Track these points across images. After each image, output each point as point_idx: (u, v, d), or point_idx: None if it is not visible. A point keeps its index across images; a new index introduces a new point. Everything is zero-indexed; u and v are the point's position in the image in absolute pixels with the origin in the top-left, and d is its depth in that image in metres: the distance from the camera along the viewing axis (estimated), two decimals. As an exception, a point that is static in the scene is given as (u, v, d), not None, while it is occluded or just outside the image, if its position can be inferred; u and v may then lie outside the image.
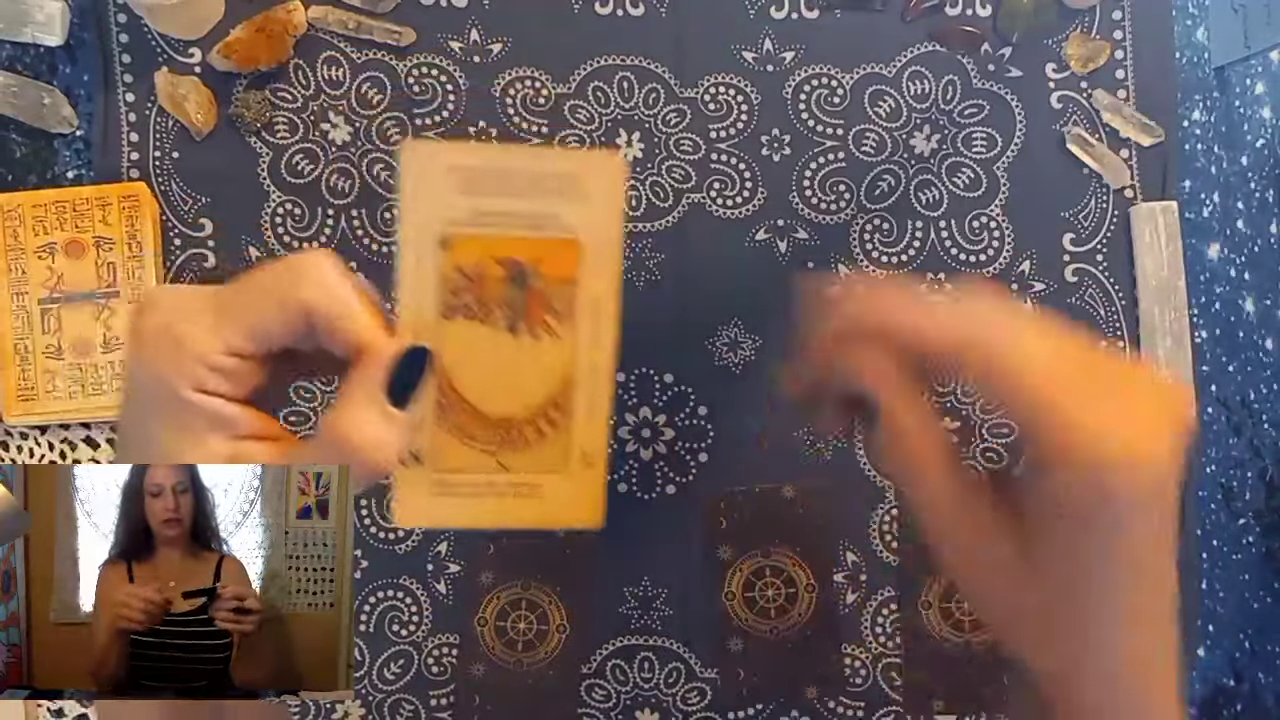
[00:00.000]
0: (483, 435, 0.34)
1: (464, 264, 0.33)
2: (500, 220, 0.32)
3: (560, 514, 0.36)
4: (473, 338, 0.33)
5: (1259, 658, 0.62)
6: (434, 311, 0.33)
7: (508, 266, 0.33)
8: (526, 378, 0.34)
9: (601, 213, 0.33)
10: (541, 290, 0.34)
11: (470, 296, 0.33)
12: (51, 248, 0.55)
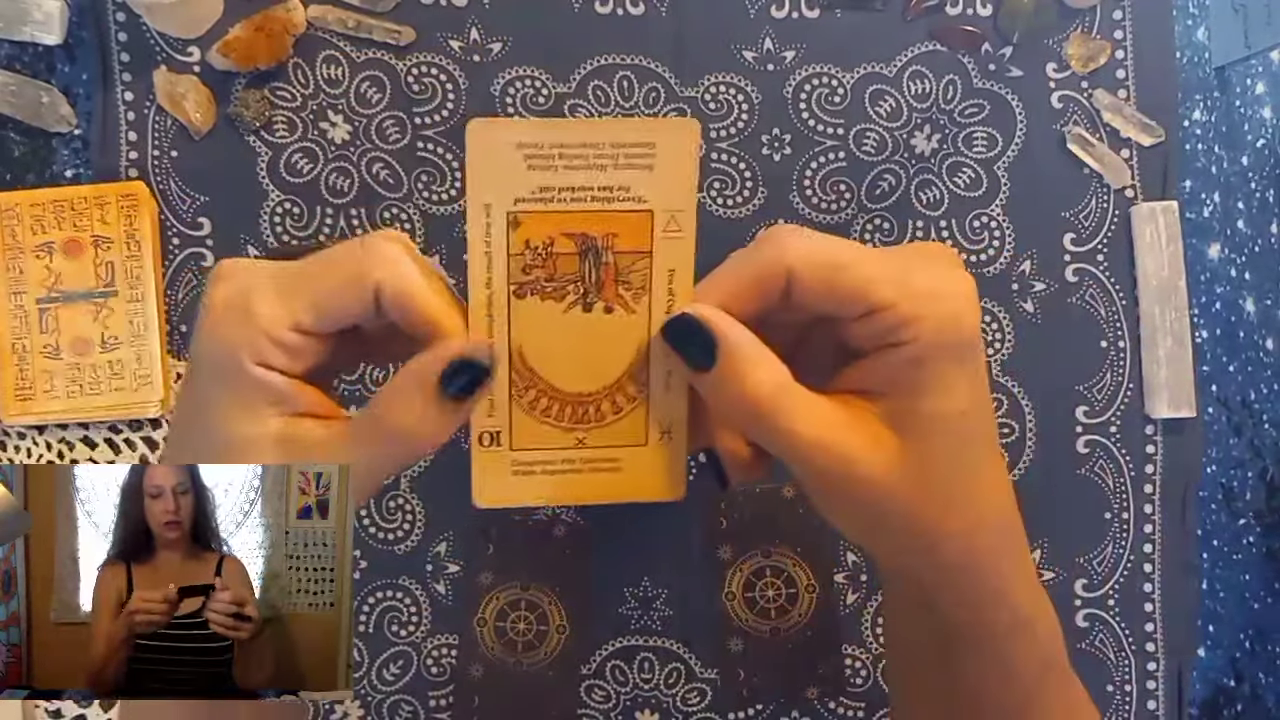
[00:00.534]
0: (560, 412, 0.34)
1: (534, 240, 0.32)
2: (570, 195, 0.32)
3: (641, 487, 0.35)
4: (546, 315, 0.33)
5: (1259, 658, 0.62)
6: (505, 290, 0.32)
7: (579, 241, 0.33)
8: (602, 352, 0.34)
9: (675, 180, 0.33)
10: (614, 264, 0.33)
11: (541, 273, 0.32)
12: (49, 247, 0.55)
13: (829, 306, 0.32)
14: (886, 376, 0.32)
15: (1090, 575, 0.61)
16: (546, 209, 0.32)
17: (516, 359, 0.33)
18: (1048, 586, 0.60)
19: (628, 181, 0.32)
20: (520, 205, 0.32)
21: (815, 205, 0.59)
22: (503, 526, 0.58)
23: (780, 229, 0.34)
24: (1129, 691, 0.61)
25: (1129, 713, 0.61)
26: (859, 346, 0.33)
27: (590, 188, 0.32)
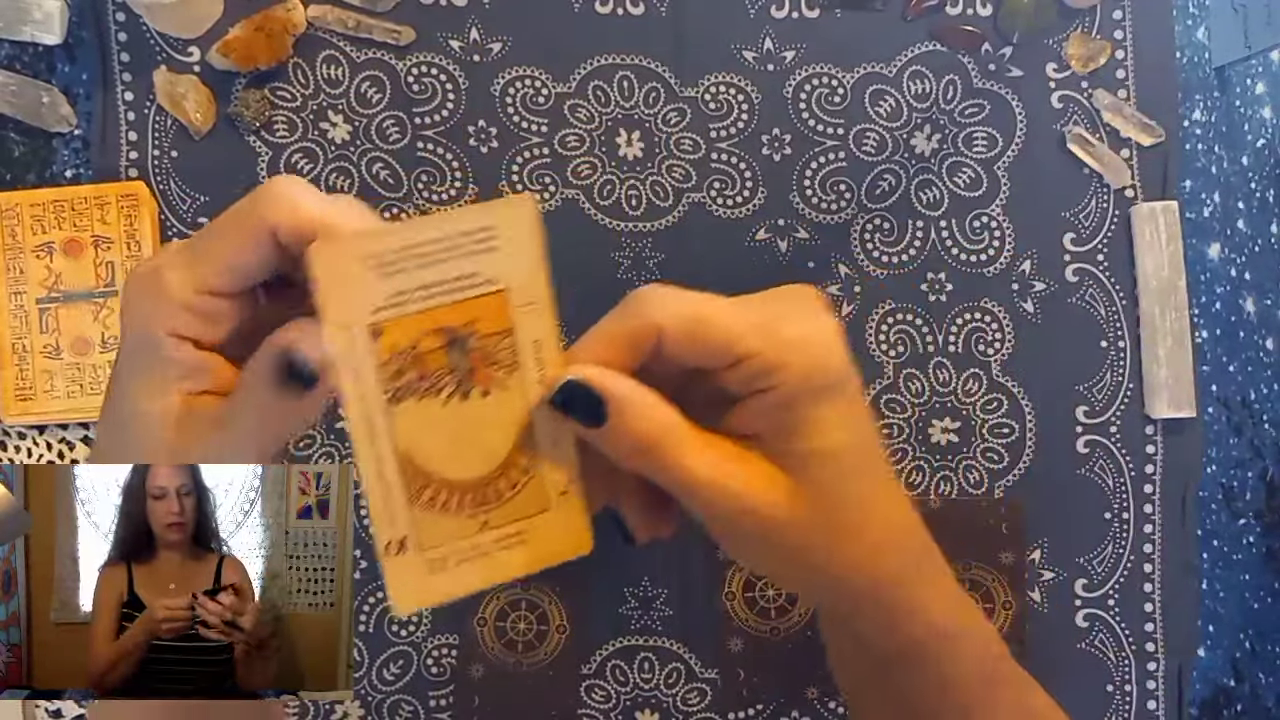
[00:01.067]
0: (460, 502, 0.35)
1: (399, 345, 0.32)
2: (424, 294, 0.32)
3: (551, 552, 0.36)
4: (425, 413, 0.33)
5: (1259, 658, 0.62)
6: (380, 401, 0.33)
7: (443, 335, 0.33)
8: (487, 435, 0.34)
9: (520, 256, 0.33)
10: (480, 348, 0.34)
11: (413, 375, 0.33)
12: (50, 247, 0.55)
13: (699, 359, 0.33)
14: (762, 420, 0.33)
15: (1090, 575, 0.61)
16: (404, 313, 0.32)
17: (406, 464, 0.34)
18: (1048, 586, 0.60)
19: (476, 268, 0.33)
20: (378, 315, 0.32)
21: (815, 205, 0.59)
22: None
23: (648, 289, 0.35)
24: (1129, 691, 0.61)
25: (1129, 713, 0.61)
26: (734, 393, 0.34)
27: (442, 281, 0.32)
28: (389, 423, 0.33)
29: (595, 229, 0.59)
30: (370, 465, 0.33)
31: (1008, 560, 0.60)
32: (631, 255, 0.59)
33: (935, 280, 0.60)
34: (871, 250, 0.60)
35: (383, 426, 0.33)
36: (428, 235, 0.32)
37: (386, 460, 0.33)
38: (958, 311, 0.60)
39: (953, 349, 0.60)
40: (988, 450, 0.60)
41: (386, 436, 0.33)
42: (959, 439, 0.60)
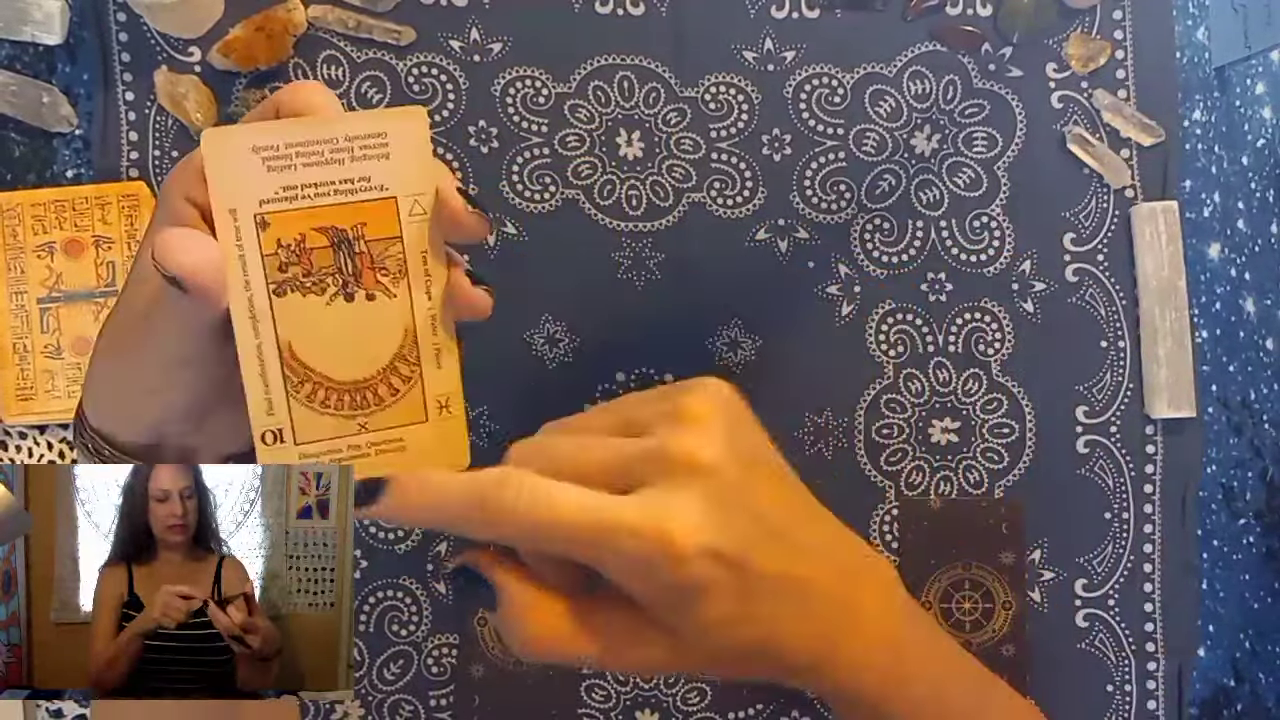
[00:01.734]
0: (338, 401, 0.35)
1: (285, 239, 0.33)
2: (314, 190, 0.33)
3: (427, 460, 0.37)
4: (309, 309, 0.34)
5: (1259, 658, 0.62)
6: (264, 291, 0.33)
7: (330, 234, 0.33)
8: (370, 338, 0.35)
9: (411, 166, 0.34)
10: (367, 252, 0.34)
11: (298, 270, 0.33)
12: (50, 247, 0.55)
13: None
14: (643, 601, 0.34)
15: (1090, 575, 0.61)
16: (292, 207, 0.33)
17: (287, 355, 0.34)
18: (1048, 586, 0.60)
19: (367, 172, 0.33)
20: (266, 206, 0.33)
21: (815, 205, 0.59)
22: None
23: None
24: (1129, 691, 0.61)
25: (1129, 713, 0.61)
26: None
27: (332, 181, 0.33)
28: (272, 314, 0.33)
29: (595, 229, 0.59)
30: (251, 354, 0.33)
31: (1008, 560, 0.60)
32: (631, 255, 0.59)
33: (935, 280, 0.60)
34: (871, 250, 0.60)
35: (265, 317, 0.33)
36: (319, 134, 0.32)
37: (268, 350, 0.33)
38: (958, 311, 0.60)
39: (953, 349, 0.60)
40: (988, 450, 0.60)
41: (269, 326, 0.33)
42: (959, 439, 0.60)
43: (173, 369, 0.34)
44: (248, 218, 0.32)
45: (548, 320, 0.58)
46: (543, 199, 0.58)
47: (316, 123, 0.32)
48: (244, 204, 0.32)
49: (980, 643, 0.60)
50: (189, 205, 0.33)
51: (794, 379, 0.60)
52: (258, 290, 0.33)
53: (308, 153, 0.32)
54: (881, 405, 0.60)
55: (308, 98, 0.33)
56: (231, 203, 0.32)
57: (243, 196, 0.32)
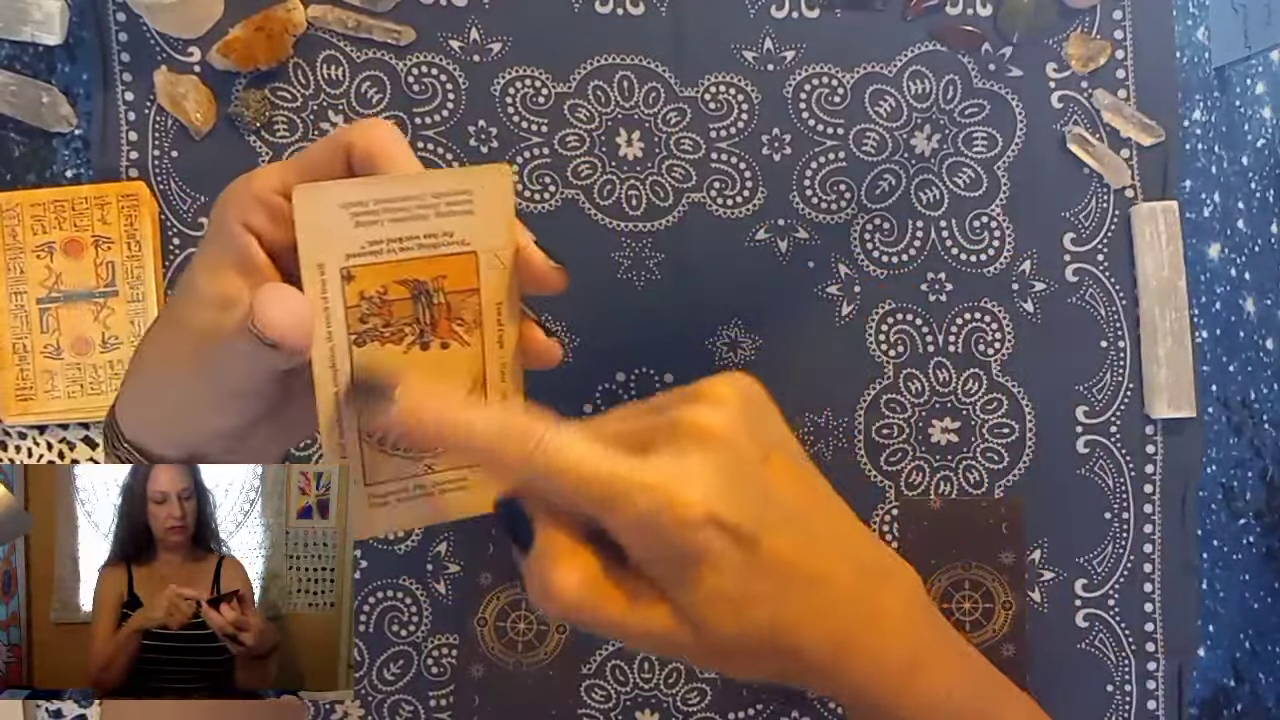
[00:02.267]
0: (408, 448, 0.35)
1: (368, 291, 0.34)
2: (398, 245, 0.34)
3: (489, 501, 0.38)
4: (387, 358, 0.34)
5: (1259, 658, 0.62)
6: (345, 342, 0.34)
7: (410, 287, 0.34)
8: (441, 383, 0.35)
9: (493, 222, 0.35)
10: (445, 304, 0.35)
11: (378, 320, 0.34)
12: (50, 247, 0.55)
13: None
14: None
15: (1090, 575, 0.61)
16: (377, 261, 0.34)
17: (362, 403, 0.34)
18: (1048, 586, 0.60)
19: (450, 227, 0.34)
20: (352, 260, 0.33)
21: (815, 205, 0.59)
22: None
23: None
24: (1129, 691, 0.61)
25: (1129, 713, 0.61)
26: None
27: (416, 236, 0.34)
28: (351, 364, 0.34)
29: (595, 229, 0.59)
30: (329, 402, 0.34)
31: (1008, 560, 0.60)
32: (631, 255, 0.59)
33: (935, 280, 0.60)
34: (871, 250, 0.60)
35: (345, 367, 0.34)
36: (407, 191, 0.33)
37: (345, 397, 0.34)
38: (958, 311, 0.60)
39: (953, 349, 0.60)
40: (988, 450, 0.60)
41: (347, 375, 0.34)
42: (959, 439, 0.60)
43: (231, 398, 0.34)
44: (334, 272, 0.33)
45: (548, 320, 0.58)
46: (543, 199, 0.58)
47: (405, 180, 0.33)
48: (332, 259, 0.33)
49: (980, 643, 0.60)
50: (246, 232, 0.33)
51: (794, 379, 0.60)
52: (339, 341, 0.34)
53: (395, 209, 0.33)
54: (881, 405, 0.60)
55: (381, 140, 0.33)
56: (320, 257, 0.33)
57: (330, 251, 0.33)
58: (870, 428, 0.60)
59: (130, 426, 0.36)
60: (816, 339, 0.60)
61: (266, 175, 0.33)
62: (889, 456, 0.60)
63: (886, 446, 0.60)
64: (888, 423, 0.60)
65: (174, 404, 0.35)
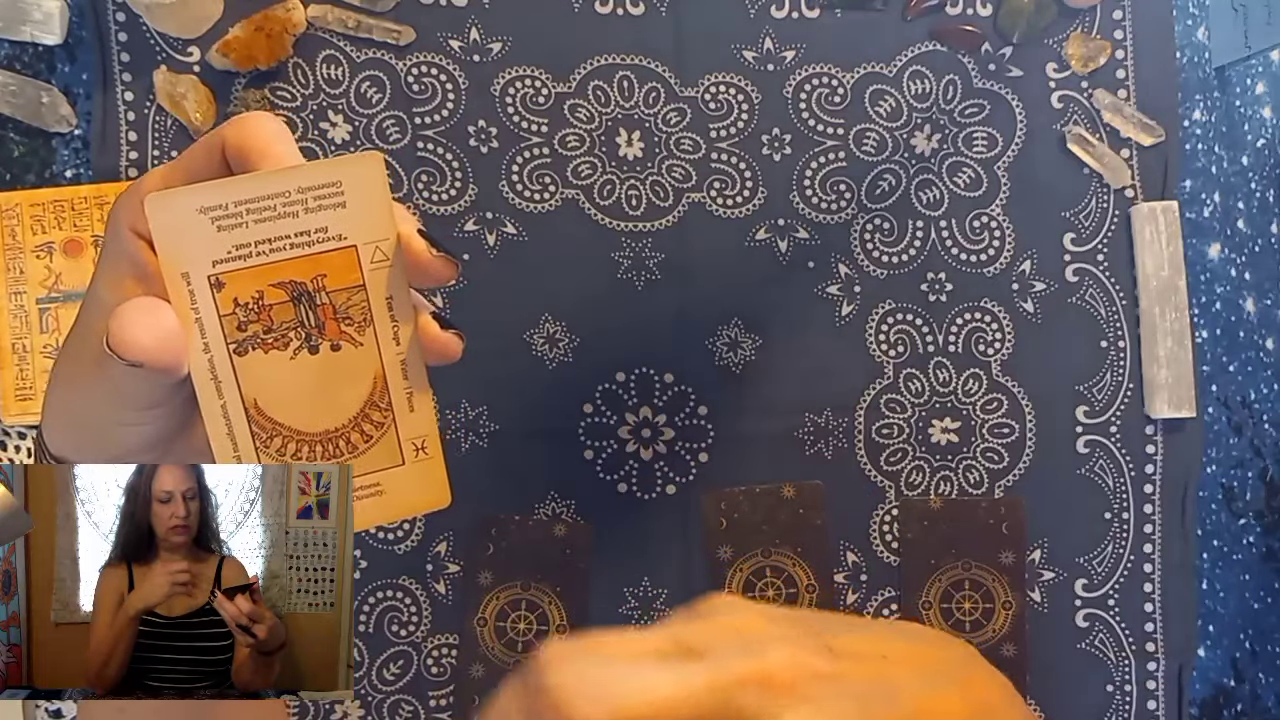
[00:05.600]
0: (310, 453, 0.35)
1: (242, 297, 0.32)
2: (268, 247, 0.32)
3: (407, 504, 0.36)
4: (272, 365, 0.33)
5: (1259, 658, 0.62)
6: (225, 351, 0.33)
7: (288, 289, 0.33)
8: (338, 388, 0.34)
9: (370, 212, 0.33)
10: (329, 304, 0.33)
11: (258, 327, 0.33)
12: (50, 247, 0.55)
13: None
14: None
15: (1090, 575, 0.61)
16: (247, 265, 0.32)
17: (254, 413, 0.34)
18: (1048, 586, 0.60)
19: (324, 222, 0.32)
20: (219, 267, 0.32)
21: (815, 205, 0.59)
22: (503, 526, 0.58)
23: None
24: (1129, 691, 0.61)
25: (1129, 713, 0.61)
26: None
27: (287, 235, 0.32)
28: (234, 373, 0.33)
29: (595, 229, 0.59)
30: (216, 415, 0.33)
31: (1008, 560, 0.60)
32: (631, 255, 0.59)
33: (935, 280, 0.60)
34: (871, 250, 0.60)
35: (228, 377, 0.33)
36: (269, 189, 0.32)
37: (233, 409, 0.33)
38: (958, 311, 0.60)
39: (953, 349, 0.60)
40: (988, 450, 0.60)
41: (233, 386, 0.33)
42: (959, 439, 0.60)
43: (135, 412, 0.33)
44: (201, 280, 0.32)
45: (548, 320, 0.58)
46: (543, 199, 0.58)
47: (266, 178, 0.31)
48: (196, 267, 0.32)
49: (980, 643, 0.60)
50: (135, 237, 0.32)
51: (794, 379, 0.59)
52: (217, 351, 0.32)
53: (259, 209, 0.32)
54: (881, 405, 0.60)
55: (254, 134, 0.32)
56: (183, 266, 0.31)
57: (194, 260, 0.32)
58: (870, 428, 0.60)
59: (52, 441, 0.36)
60: (816, 339, 0.60)
61: (151, 180, 0.32)
62: (889, 456, 0.60)
63: (886, 446, 0.60)
64: (888, 423, 0.60)
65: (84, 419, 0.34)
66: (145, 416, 0.33)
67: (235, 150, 0.32)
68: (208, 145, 0.32)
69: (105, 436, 0.34)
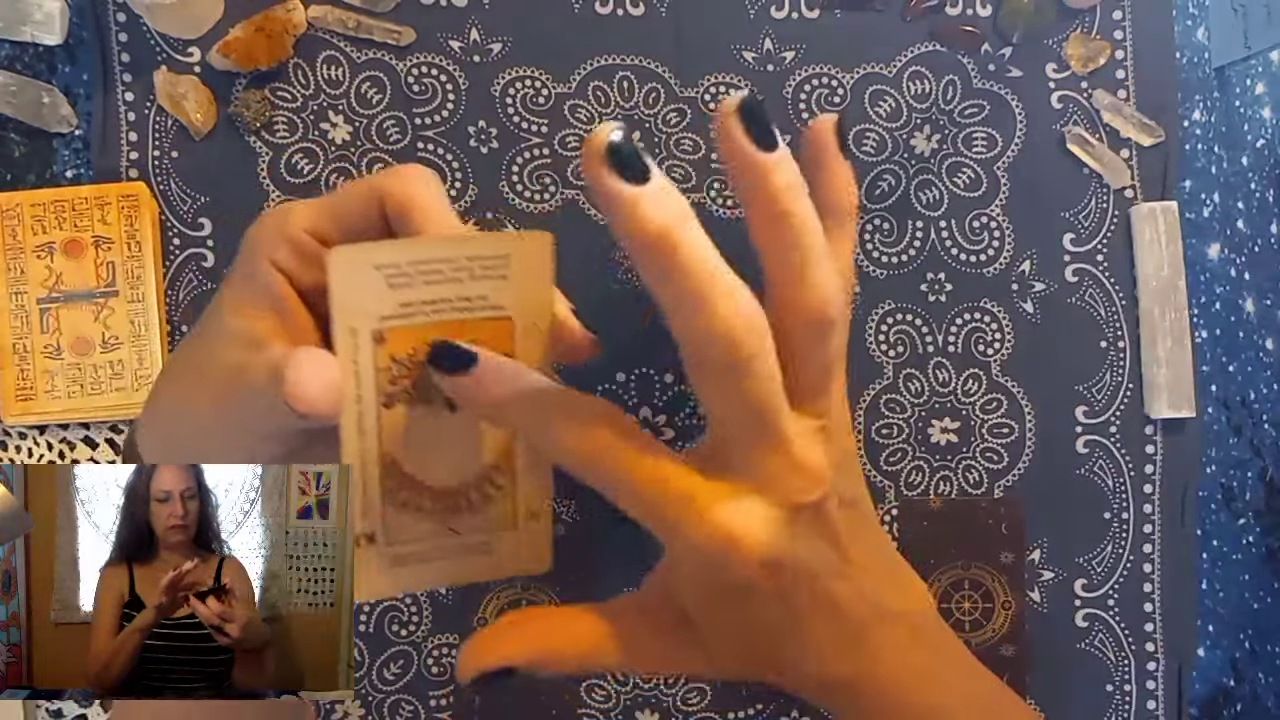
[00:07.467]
0: (430, 506, 0.35)
1: (399, 354, 0.33)
2: (430, 308, 0.33)
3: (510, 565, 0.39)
4: (413, 421, 0.34)
5: (1259, 658, 0.62)
6: (374, 405, 0.34)
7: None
8: (468, 449, 0.35)
9: (529, 288, 0.34)
10: None
11: (408, 382, 0.34)
12: (50, 247, 0.55)
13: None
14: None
15: (1090, 575, 0.61)
16: (409, 323, 0.33)
17: (388, 465, 0.34)
18: (1048, 586, 0.60)
19: (485, 291, 0.34)
20: (384, 323, 0.33)
21: (815, 205, 0.59)
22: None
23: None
24: (1129, 691, 0.61)
25: (1129, 713, 0.61)
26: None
27: (449, 299, 0.33)
28: (378, 425, 0.33)
29: (595, 229, 0.59)
30: (355, 462, 0.34)
31: (1008, 560, 0.60)
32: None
33: (935, 280, 0.60)
34: (871, 250, 0.60)
35: (372, 428, 0.34)
36: (443, 254, 0.33)
37: (370, 459, 0.34)
38: (958, 311, 0.60)
39: (952, 349, 0.60)
40: (988, 450, 0.60)
41: (374, 437, 0.34)
42: (959, 439, 0.60)
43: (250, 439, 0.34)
44: (366, 335, 0.33)
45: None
46: (543, 199, 0.58)
47: (441, 242, 0.33)
48: (364, 322, 0.33)
49: (980, 643, 0.60)
50: (275, 270, 0.33)
51: (794, 379, 0.59)
52: (367, 405, 0.33)
53: (429, 271, 0.33)
54: (881, 405, 0.60)
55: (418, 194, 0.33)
56: (354, 321, 0.32)
57: (364, 314, 0.32)
58: (870, 428, 0.60)
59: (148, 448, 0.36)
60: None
61: (299, 215, 0.33)
62: (889, 456, 0.60)
63: (886, 446, 0.60)
64: (887, 423, 0.60)
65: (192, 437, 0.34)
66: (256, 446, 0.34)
67: (397, 206, 0.33)
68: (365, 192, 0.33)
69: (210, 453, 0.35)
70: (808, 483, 0.34)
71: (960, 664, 0.40)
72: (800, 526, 0.33)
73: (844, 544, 0.35)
